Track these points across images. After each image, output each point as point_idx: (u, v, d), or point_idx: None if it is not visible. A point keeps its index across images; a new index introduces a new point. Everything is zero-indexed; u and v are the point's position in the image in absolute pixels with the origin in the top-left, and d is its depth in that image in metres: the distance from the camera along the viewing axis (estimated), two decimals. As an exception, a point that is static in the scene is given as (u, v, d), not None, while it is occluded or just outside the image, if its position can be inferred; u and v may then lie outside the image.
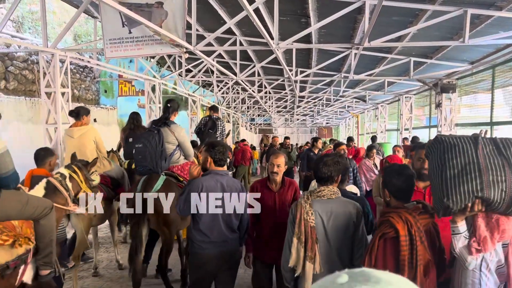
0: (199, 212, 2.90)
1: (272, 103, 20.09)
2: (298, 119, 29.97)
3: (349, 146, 8.54)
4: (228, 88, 14.71)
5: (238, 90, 15.78)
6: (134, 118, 5.93)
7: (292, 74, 8.87)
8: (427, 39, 6.52)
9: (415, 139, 8.62)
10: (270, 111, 22.97)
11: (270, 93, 15.38)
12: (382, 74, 9.87)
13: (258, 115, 27.59)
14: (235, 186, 3.03)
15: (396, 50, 7.92)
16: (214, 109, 6.83)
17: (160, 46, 5.42)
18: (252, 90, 13.42)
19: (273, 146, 10.31)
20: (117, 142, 6.56)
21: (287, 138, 10.85)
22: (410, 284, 0.62)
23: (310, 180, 4.22)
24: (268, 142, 14.72)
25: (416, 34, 6.35)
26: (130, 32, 5.37)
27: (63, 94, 5.77)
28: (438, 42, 6.50)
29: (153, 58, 9.84)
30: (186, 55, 6.29)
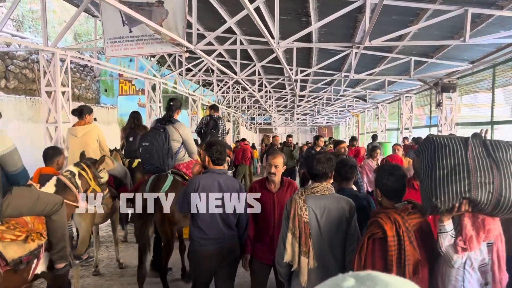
0: (200, 211, 2.95)
1: (272, 103, 20.09)
2: (298, 119, 29.99)
3: (352, 145, 8.48)
4: (228, 87, 14.71)
5: (238, 89, 15.78)
6: (135, 117, 5.93)
7: (292, 73, 8.87)
8: (428, 38, 6.51)
9: (419, 140, 8.60)
10: (270, 111, 22.98)
11: (270, 92, 15.38)
12: (382, 74, 9.86)
13: (258, 115, 27.60)
14: (233, 185, 3.08)
15: (396, 50, 7.91)
16: (214, 108, 6.83)
17: (160, 45, 5.43)
18: (252, 89, 13.43)
19: (273, 145, 9.99)
20: (117, 141, 6.55)
21: (290, 136, 10.44)
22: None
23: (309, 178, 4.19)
24: (269, 142, 14.47)
25: (416, 33, 6.34)
26: (130, 31, 5.38)
27: (64, 93, 5.77)
28: (438, 42, 6.51)
29: (153, 57, 9.84)
30: (187, 54, 6.29)
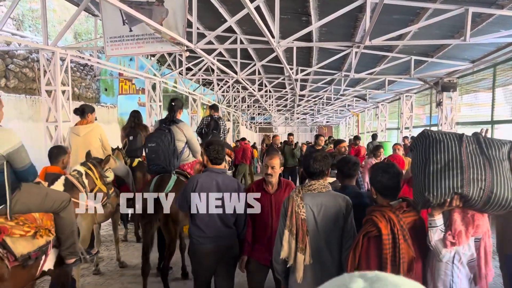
0: (198, 210, 3.00)
1: (272, 102, 20.08)
2: (298, 118, 29.98)
3: (355, 145, 8.46)
4: (228, 86, 14.72)
5: (238, 88, 15.78)
6: (135, 116, 5.93)
7: (292, 73, 8.86)
8: (428, 38, 6.50)
9: None
10: (270, 110, 22.98)
11: (270, 91, 15.38)
12: (382, 73, 9.85)
13: (258, 114, 27.61)
14: (232, 184, 3.10)
15: (397, 49, 7.91)
16: (214, 108, 6.83)
17: (160, 44, 5.42)
18: (252, 89, 13.42)
19: (273, 145, 9.83)
20: (117, 140, 6.55)
21: (291, 135, 10.37)
22: None
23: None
24: (269, 142, 14.39)
25: (417, 33, 6.34)
26: (130, 30, 5.37)
27: (64, 92, 5.77)
28: (439, 41, 6.50)
29: (153, 56, 9.84)
30: (187, 53, 6.28)
